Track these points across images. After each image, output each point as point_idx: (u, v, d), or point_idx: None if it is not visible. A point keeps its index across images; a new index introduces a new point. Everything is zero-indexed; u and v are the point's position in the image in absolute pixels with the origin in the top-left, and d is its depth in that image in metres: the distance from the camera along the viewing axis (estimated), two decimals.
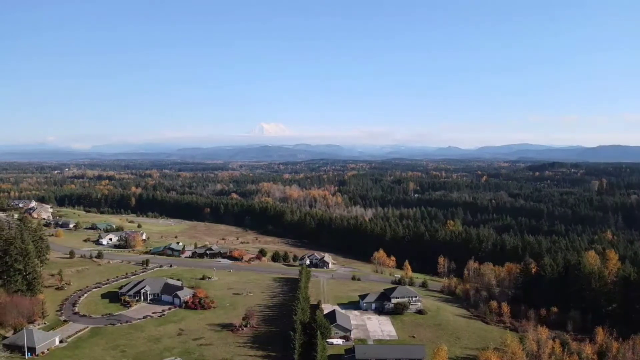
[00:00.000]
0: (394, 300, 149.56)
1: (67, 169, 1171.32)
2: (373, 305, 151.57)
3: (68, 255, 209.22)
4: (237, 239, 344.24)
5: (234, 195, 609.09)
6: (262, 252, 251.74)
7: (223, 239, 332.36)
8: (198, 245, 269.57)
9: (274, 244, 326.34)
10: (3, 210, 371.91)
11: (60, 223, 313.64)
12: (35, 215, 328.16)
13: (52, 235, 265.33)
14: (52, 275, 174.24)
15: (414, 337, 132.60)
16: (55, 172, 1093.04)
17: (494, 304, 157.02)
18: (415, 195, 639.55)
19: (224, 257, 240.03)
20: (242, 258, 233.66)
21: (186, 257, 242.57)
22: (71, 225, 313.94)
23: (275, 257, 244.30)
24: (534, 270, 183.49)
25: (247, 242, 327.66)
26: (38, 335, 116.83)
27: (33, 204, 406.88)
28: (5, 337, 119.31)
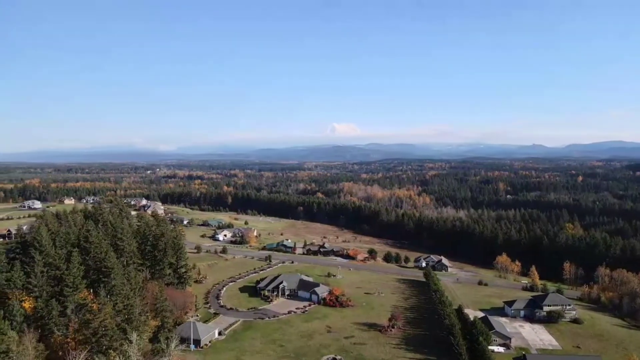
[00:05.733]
0: (546, 308, 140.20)
1: (158, 169, 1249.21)
2: (522, 313, 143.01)
3: (195, 250, 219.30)
4: (337, 237, 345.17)
5: (320, 195, 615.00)
6: (371, 252, 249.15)
7: (324, 237, 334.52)
8: (307, 243, 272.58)
9: (373, 244, 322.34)
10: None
11: (174, 219, 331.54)
12: (149, 212, 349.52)
13: None
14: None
15: (579, 347, 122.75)
16: (148, 172, 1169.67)
17: None
18: (508, 196, 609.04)
19: (337, 255, 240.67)
20: (356, 257, 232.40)
21: (299, 254, 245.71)
22: (185, 222, 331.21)
23: (387, 258, 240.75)
24: None
25: (348, 241, 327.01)
26: (201, 328, 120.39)
27: (144, 201, 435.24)
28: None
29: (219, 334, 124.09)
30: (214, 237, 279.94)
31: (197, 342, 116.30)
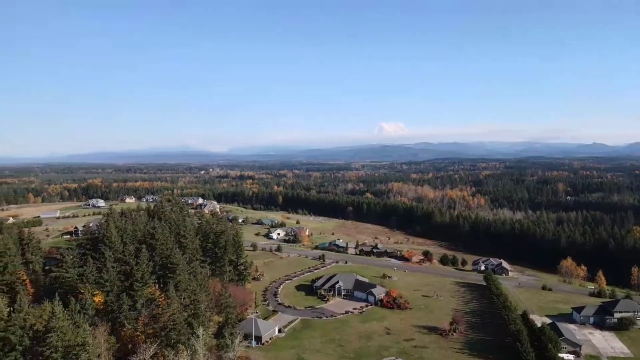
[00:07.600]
0: (617, 315, 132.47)
1: (211, 169, 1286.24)
2: (591, 319, 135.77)
3: (252, 248, 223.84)
4: (389, 238, 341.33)
5: (369, 195, 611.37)
6: (426, 254, 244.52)
7: (376, 238, 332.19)
8: (359, 243, 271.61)
9: (426, 246, 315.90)
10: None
11: (230, 218, 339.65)
12: (206, 210, 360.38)
13: None
14: None
15: None
16: (202, 172, 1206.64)
17: None
18: (568, 197, 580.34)
19: (390, 257, 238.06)
20: (411, 259, 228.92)
21: (351, 254, 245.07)
22: (240, 220, 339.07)
23: (444, 260, 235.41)
24: None
25: (401, 243, 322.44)
26: (262, 325, 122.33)
27: (200, 200, 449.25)
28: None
29: (279, 331, 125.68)
30: (268, 236, 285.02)
31: (258, 339, 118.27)
